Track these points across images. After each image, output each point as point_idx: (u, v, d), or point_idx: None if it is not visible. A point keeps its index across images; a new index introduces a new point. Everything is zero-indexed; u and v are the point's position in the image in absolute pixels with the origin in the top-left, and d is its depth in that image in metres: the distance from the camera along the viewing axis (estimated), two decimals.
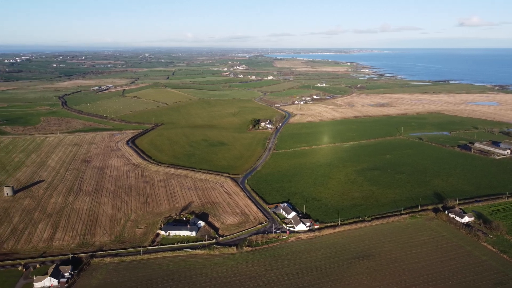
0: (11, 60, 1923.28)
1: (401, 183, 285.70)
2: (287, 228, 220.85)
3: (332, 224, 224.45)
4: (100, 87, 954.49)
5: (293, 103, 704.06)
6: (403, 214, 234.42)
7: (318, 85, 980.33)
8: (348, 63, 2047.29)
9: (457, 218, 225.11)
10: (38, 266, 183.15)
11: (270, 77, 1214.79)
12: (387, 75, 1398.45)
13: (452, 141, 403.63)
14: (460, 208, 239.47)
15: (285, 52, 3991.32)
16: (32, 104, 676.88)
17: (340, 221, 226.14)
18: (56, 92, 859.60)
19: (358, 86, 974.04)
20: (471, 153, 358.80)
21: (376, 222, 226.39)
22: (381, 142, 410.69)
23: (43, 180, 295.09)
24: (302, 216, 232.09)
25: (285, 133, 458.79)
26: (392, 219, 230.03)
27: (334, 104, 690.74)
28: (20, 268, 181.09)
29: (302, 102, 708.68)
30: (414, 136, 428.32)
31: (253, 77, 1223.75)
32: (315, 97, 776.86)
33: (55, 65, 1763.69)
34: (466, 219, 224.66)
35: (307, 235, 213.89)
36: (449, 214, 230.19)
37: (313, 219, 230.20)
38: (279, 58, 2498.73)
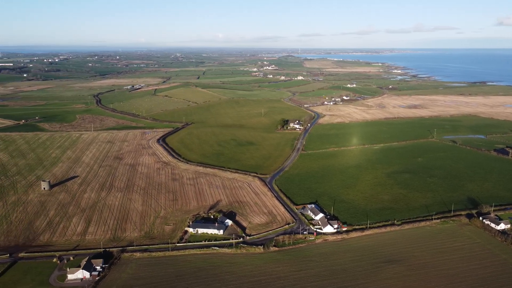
0: (50, 60, 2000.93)
1: (433, 187, 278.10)
2: (315, 229, 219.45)
3: (361, 227, 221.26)
4: (133, 86, 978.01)
5: (323, 103, 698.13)
6: (435, 219, 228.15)
7: (348, 85, 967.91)
8: (380, 64, 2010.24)
9: (492, 225, 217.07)
10: (71, 258, 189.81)
11: (300, 78, 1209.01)
12: (420, 76, 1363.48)
13: (488, 144, 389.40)
14: (496, 215, 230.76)
15: (315, 52, 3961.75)
16: (68, 102, 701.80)
17: (369, 224, 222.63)
18: (91, 90, 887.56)
19: (390, 87, 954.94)
20: (509, 157, 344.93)
21: (406, 226, 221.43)
22: (412, 144, 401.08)
23: (77, 176, 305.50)
24: (330, 218, 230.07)
25: (314, 133, 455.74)
26: (423, 223, 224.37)
27: (364, 105, 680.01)
28: (54, 260, 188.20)
29: (331, 103, 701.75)
30: (448, 139, 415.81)
31: (283, 77, 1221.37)
32: (344, 98, 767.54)
33: (90, 64, 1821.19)
34: (502, 226, 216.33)
35: (335, 237, 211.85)
36: (484, 220, 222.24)
37: (341, 221, 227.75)
38: (309, 58, 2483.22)
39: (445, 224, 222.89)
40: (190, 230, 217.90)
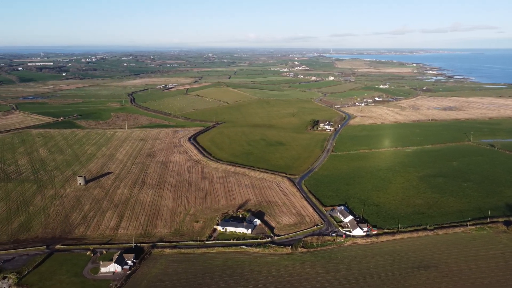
0: (87, 60, 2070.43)
1: (469, 192, 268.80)
2: (343, 231, 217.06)
3: (391, 230, 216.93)
4: (166, 85, 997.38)
5: (354, 104, 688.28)
6: (470, 225, 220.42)
7: (381, 86, 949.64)
8: (414, 64, 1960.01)
9: None
10: (104, 252, 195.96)
11: (331, 78, 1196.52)
12: (456, 77, 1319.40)
13: None
14: None
15: (347, 52, 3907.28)
16: (104, 101, 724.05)
17: (400, 228, 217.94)
18: (126, 89, 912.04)
19: (424, 88, 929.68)
20: None
21: (439, 231, 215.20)
22: (447, 147, 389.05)
23: (111, 172, 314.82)
24: (359, 221, 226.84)
25: (344, 135, 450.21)
26: (457, 229, 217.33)
27: (397, 106, 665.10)
28: (88, 253, 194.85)
29: (363, 104, 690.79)
30: (485, 143, 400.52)
31: (313, 78, 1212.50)
32: (377, 99, 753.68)
33: (126, 64, 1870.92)
34: None
35: (364, 241, 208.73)
36: None
37: (370, 224, 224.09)
38: (340, 58, 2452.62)
39: (481, 231, 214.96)
40: (219, 228, 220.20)
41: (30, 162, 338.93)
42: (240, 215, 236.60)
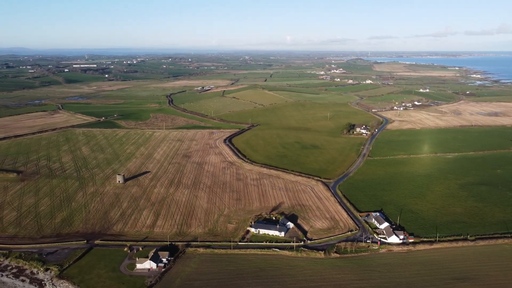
0: (128, 62, 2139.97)
1: None
2: (379, 238, 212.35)
3: (429, 239, 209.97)
4: (203, 87, 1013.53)
5: (392, 108, 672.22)
6: None
7: (421, 90, 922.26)
8: (457, 68, 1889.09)
9: None
10: (140, 249, 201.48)
11: (368, 81, 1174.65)
12: (502, 81, 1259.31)
13: None
14: None
15: (386, 55, 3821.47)
16: (143, 101, 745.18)
17: (438, 237, 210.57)
18: (165, 91, 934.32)
19: (467, 92, 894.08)
20: None
21: (481, 242, 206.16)
22: (491, 154, 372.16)
23: (149, 171, 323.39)
24: (396, 228, 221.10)
25: (381, 139, 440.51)
26: (500, 241, 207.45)
27: (438, 111, 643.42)
28: (125, 249, 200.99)
29: (401, 108, 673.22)
30: None
31: (350, 81, 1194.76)
32: (416, 103, 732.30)
33: (165, 66, 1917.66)
34: None
35: (400, 248, 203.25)
36: None
37: (407, 232, 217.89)
38: (378, 61, 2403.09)
39: None
40: (252, 230, 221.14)
41: (73, 160, 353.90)
42: (273, 218, 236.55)
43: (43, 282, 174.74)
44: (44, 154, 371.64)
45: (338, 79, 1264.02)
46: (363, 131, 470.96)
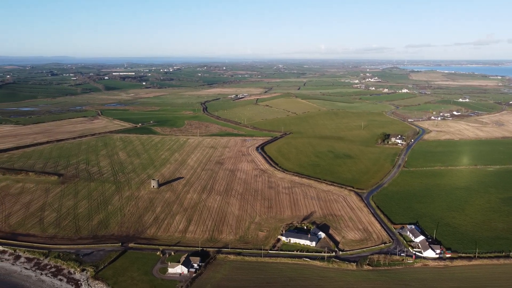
0: (165, 70, 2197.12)
1: None
2: (414, 252, 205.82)
3: (467, 255, 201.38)
4: (237, 95, 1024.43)
5: (429, 118, 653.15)
6: None
7: (460, 100, 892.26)
8: (499, 77, 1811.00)
9: None
10: (172, 253, 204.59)
11: (405, 90, 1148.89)
12: None
13: None
14: None
15: (423, 64, 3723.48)
16: (179, 109, 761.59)
17: (478, 253, 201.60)
18: (199, 98, 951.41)
19: (510, 102, 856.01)
20: None
21: None
22: None
23: (182, 177, 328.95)
24: (432, 242, 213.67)
25: (417, 150, 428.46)
26: None
27: (478, 122, 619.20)
28: (158, 253, 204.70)
29: (439, 118, 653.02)
30: None
31: (386, 90, 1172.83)
32: (455, 113, 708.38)
33: (200, 74, 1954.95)
34: None
35: (436, 263, 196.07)
36: None
37: (444, 246, 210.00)
38: (415, 70, 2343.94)
39: None
40: (283, 238, 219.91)
41: (111, 164, 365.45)
42: (305, 227, 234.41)
43: (79, 282, 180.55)
44: (83, 158, 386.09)
45: (373, 88, 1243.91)
46: (399, 141, 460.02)
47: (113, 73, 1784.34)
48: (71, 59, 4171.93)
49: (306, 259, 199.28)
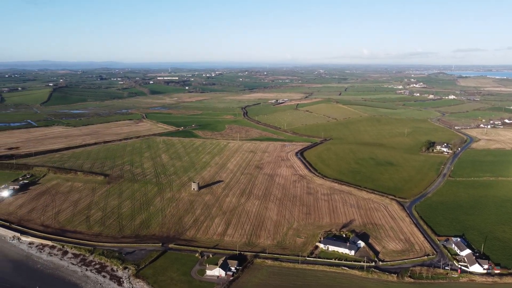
0: (207, 75, 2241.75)
1: None
2: (459, 266, 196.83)
3: None
4: (277, 100, 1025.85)
5: (478, 126, 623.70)
6: None
7: None
8: None
9: None
10: (211, 256, 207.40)
11: (451, 97, 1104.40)
12: None
13: None
14: None
15: (472, 69, 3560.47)
16: (220, 113, 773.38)
17: None
18: (240, 103, 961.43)
19: None
20: None
21: None
22: None
23: (222, 181, 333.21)
24: (479, 256, 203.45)
25: (464, 159, 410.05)
26: None
27: None
28: (197, 255, 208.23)
29: (489, 126, 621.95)
30: None
31: (431, 96, 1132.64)
32: (507, 121, 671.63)
33: (241, 79, 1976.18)
34: None
35: (483, 279, 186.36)
36: None
37: (492, 261, 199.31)
38: (464, 76, 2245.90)
39: None
40: (321, 246, 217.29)
41: (154, 166, 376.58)
42: (344, 235, 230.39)
43: (121, 280, 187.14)
44: (128, 159, 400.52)
45: (418, 94, 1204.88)
46: (444, 149, 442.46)
47: (158, 78, 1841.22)
48: (119, 64, 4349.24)
49: (345, 267, 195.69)
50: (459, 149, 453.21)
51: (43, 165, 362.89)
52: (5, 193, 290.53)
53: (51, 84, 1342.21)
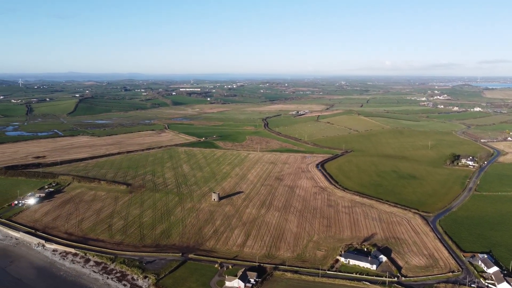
0: (229, 86, 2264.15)
1: None
2: (486, 284, 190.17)
3: None
4: (298, 111, 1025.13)
5: (505, 139, 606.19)
6: None
7: None
8: None
9: None
10: (230, 267, 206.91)
11: (477, 109, 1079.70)
12: None
13: None
14: None
15: (499, 81, 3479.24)
16: (241, 124, 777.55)
17: None
18: (261, 114, 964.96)
19: None
20: None
21: None
22: None
23: (242, 192, 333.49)
24: (507, 274, 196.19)
25: (491, 173, 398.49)
26: None
27: None
28: (216, 265, 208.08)
29: None
30: None
31: (456, 108, 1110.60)
32: None
33: (262, 91, 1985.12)
34: None
35: None
36: None
37: None
38: (490, 87, 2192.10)
39: None
40: (342, 259, 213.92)
41: (175, 176, 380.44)
42: (365, 249, 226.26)
43: None
44: (150, 169, 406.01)
45: (442, 106, 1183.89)
46: (470, 162, 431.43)
47: (180, 89, 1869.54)
48: (143, 76, 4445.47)
49: (366, 282, 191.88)
50: (486, 162, 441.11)
51: (68, 174, 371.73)
52: (32, 201, 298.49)
53: (77, 95, 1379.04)
